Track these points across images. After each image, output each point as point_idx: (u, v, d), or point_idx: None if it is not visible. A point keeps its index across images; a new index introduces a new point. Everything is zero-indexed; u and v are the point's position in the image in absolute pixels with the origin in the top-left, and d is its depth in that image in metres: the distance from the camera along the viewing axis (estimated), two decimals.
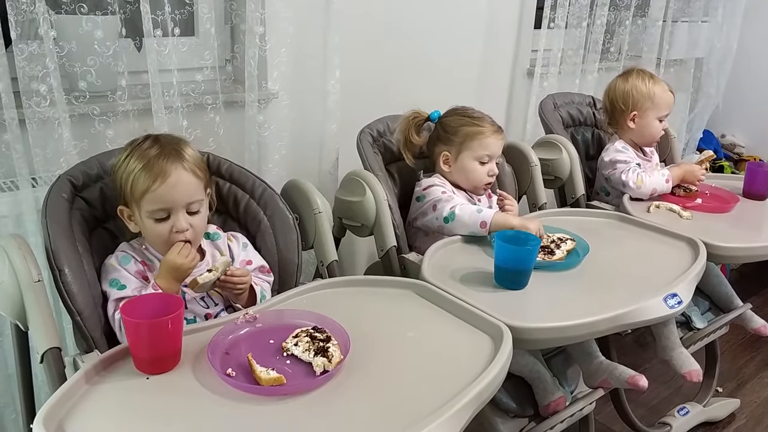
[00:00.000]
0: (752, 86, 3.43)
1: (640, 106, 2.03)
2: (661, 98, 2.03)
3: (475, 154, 1.67)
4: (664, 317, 1.32)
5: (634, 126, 2.05)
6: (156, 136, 1.26)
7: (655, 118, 2.04)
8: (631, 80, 2.05)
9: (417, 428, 0.89)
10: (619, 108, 2.07)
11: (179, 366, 1.05)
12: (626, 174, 1.94)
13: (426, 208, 1.65)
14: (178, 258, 1.20)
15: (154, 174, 1.19)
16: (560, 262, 1.45)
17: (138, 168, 1.20)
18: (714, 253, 1.58)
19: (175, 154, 1.22)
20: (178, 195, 1.21)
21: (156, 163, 1.20)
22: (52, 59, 1.40)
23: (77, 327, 1.16)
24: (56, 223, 1.19)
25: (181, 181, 1.21)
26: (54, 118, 1.45)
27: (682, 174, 2.00)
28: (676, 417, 2.07)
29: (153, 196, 1.20)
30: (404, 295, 1.31)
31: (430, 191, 1.66)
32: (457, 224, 1.58)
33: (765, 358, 2.56)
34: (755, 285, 3.05)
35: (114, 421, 0.94)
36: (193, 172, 1.23)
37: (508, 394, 1.50)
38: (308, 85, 1.85)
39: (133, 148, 1.23)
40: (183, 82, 1.63)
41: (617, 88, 2.08)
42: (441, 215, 1.60)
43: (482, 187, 1.71)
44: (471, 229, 1.56)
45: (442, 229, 1.61)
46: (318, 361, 1.03)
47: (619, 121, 2.08)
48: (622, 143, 2.06)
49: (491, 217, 1.55)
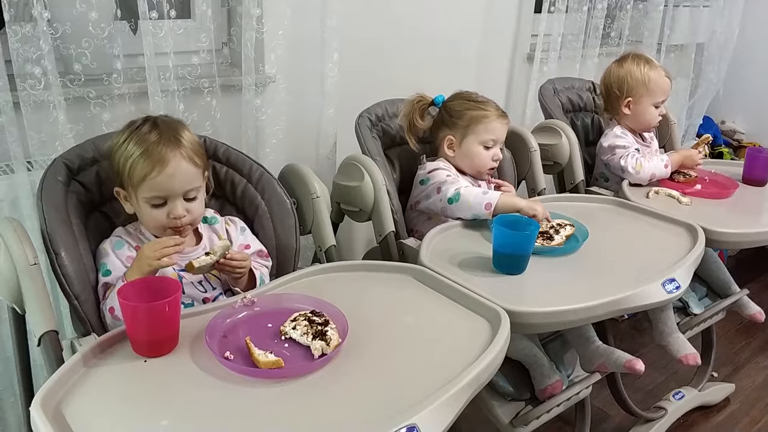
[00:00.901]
0: (753, 72, 3.41)
1: (635, 92, 2.01)
2: (656, 84, 2.00)
3: (480, 139, 1.67)
4: (662, 302, 1.32)
5: (630, 112, 2.04)
6: (155, 119, 1.25)
7: (650, 104, 2.02)
8: (626, 65, 2.03)
9: (414, 411, 0.89)
10: (614, 94, 2.05)
11: (177, 349, 1.05)
12: (625, 159, 1.93)
13: (430, 191, 1.65)
14: (146, 249, 1.17)
15: (153, 162, 1.18)
16: (559, 248, 1.45)
17: (137, 154, 1.19)
18: (713, 239, 1.58)
19: (174, 141, 1.21)
20: (175, 184, 1.21)
21: (155, 150, 1.19)
22: (46, 41, 1.39)
23: (74, 310, 1.16)
24: (52, 207, 1.18)
25: (179, 169, 1.20)
26: (49, 101, 1.43)
27: (681, 160, 2.00)
28: (671, 401, 2.08)
29: (150, 183, 1.19)
30: (402, 280, 1.31)
31: (435, 174, 1.66)
32: (462, 205, 1.57)
33: (760, 344, 2.57)
34: (752, 271, 3.06)
35: (112, 404, 0.94)
36: (191, 159, 1.22)
37: (505, 377, 1.50)
38: (306, 68, 1.84)
39: (132, 131, 1.22)
40: (179, 66, 1.61)
41: (612, 73, 2.06)
42: (445, 196, 1.59)
43: (486, 171, 1.71)
44: (475, 211, 1.55)
45: (445, 210, 1.60)
46: (316, 345, 1.03)
47: (615, 107, 2.07)
48: (620, 128, 2.05)
49: (497, 198, 1.54)
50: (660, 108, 2.04)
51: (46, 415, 0.88)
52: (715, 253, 2.04)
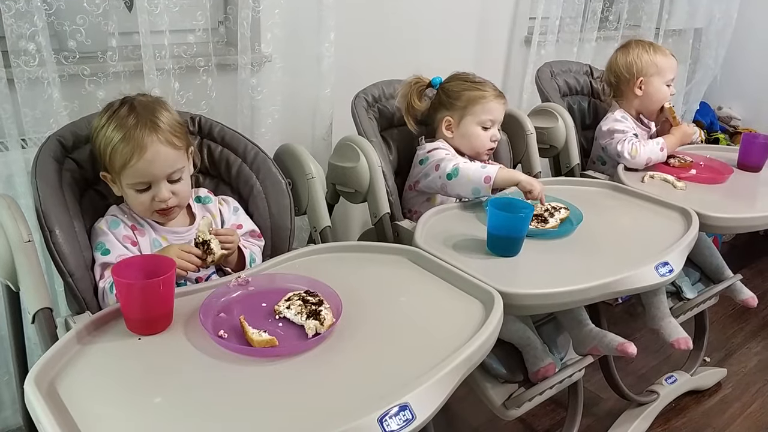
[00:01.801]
0: (751, 58, 3.40)
1: (646, 71, 2.02)
2: (665, 63, 2.03)
3: (478, 119, 1.67)
4: (655, 285, 1.33)
5: (642, 93, 2.04)
6: (132, 101, 1.23)
7: (662, 83, 2.03)
8: (632, 50, 2.05)
9: (406, 390, 0.90)
10: (624, 78, 2.05)
11: (171, 327, 1.05)
12: (622, 144, 1.93)
13: (428, 169, 1.64)
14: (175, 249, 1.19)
15: (131, 148, 1.17)
16: (553, 231, 1.45)
17: (116, 140, 1.18)
18: (707, 224, 1.58)
19: (150, 125, 1.19)
20: (156, 169, 1.20)
21: (133, 135, 1.17)
22: (41, 17, 1.38)
23: (69, 288, 1.15)
24: (46, 184, 1.18)
25: (158, 155, 1.19)
26: (43, 78, 1.42)
27: (678, 140, 2.01)
28: (663, 385, 2.10)
29: (132, 170, 1.18)
30: (397, 261, 1.31)
31: (434, 153, 1.65)
32: (461, 179, 1.56)
33: (753, 329, 2.59)
34: (746, 258, 3.07)
35: (106, 381, 0.94)
36: (170, 143, 1.20)
37: (498, 360, 1.51)
38: (302, 48, 1.83)
39: (111, 115, 1.21)
40: (175, 44, 1.60)
41: (619, 60, 2.07)
42: (444, 172, 1.59)
43: (484, 152, 1.71)
44: (474, 185, 1.55)
45: (445, 187, 1.60)
46: (310, 324, 1.03)
47: (625, 91, 2.07)
48: (621, 112, 2.05)
49: (495, 172, 1.54)
50: (671, 87, 2.05)
51: (40, 391, 0.88)
52: (709, 239, 2.04)
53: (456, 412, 2.02)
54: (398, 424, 0.86)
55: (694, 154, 2.06)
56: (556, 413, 2.00)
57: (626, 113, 2.05)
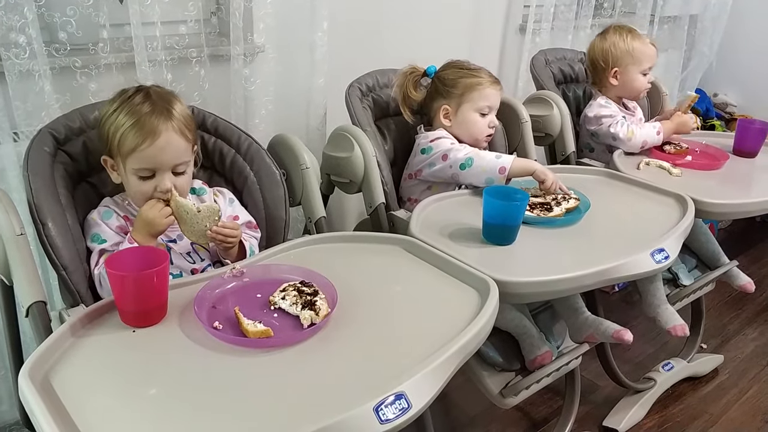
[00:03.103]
0: (746, 44, 3.39)
1: (621, 61, 2.02)
2: (641, 52, 2.01)
3: (476, 106, 1.66)
4: (651, 272, 1.33)
5: (617, 83, 2.05)
6: (147, 89, 1.23)
7: (637, 72, 2.02)
8: (609, 37, 2.04)
9: (402, 379, 0.89)
10: (600, 66, 2.06)
11: (166, 319, 1.05)
12: (615, 127, 1.94)
13: (434, 159, 1.64)
14: (150, 212, 1.18)
15: (144, 133, 1.17)
16: (555, 219, 1.45)
17: (128, 124, 1.17)
18: (703, 210, 1.58)
19: (166, 113, 1.19)
20: (165, 157, 1.20)
21: (147, 121, 1.17)
22: (30, 9, 1.36)
23: (63, 281, 1.15)
24: (38, 177, 1.17)
25: (170, 143, 1.19)
26: (34, 70, 1.41)
27: (675, 127, 2.00)
28: (660, 372, 2.10)
29: (140, 155, 1.18)
30: (393, 251, 1.31)
31: (439, 143, 1.65)
32: (475, 169, 1.57)
33: (749, 315, 2.59)
34: (742, 244, 3.08)
35: (100, 374, 0.94)
36: (182, 133, 1.21)
37: (495, 348, 1.51)
38: (295, 37, 1.82)
39: (124, 101, 1.20)
40: (167, 35, 1.59)
41: (596, 47, 2.07)
42: (456, 162, 1.59)
43: (483, 139, 1.70)
44: (489, 175, 1.55)
45: (457, 177, 1.61)
46: (305, 314, 1.03)
47: (602, 79, 2.08)
48: (604, 99, 2.06)
49: (511, 162, 1.54)
50: (648, 75, 2.05)
51: (34, 384, 0.88)
52: (705, 225, 2.04)
53: (453, 401, 2.03)
54: (394, 413, 0.86)
55: (689, 140, 2.06)
56: (553, 401, 2.00)
57: (608, 99, 2.06)
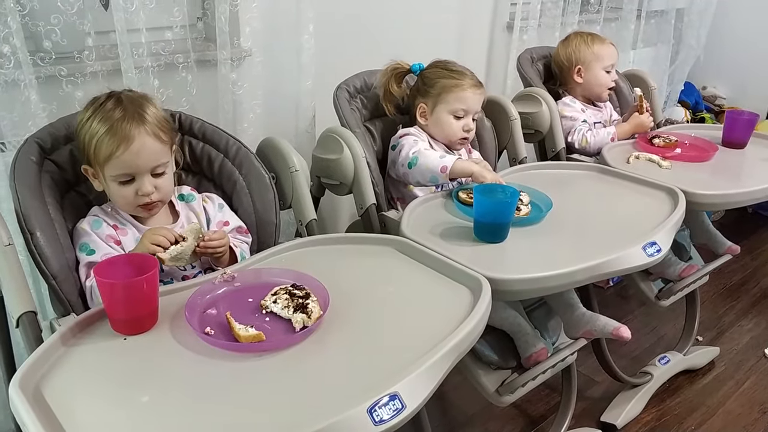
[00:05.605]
0: (733, 37, 3.41)
1: (584, 59, 2.11)
2: (602, 49, 2.11)
3: (450, 108, 1.65)
4: (643, 266, 1.33)
5: (582, 80, 2.12)
6: (119, 95, 1.22)
7: (600, 68, 2.11)
8: (571, 41, 2.14)
9: (396, 380, 0.89)
10: (565, 66, 2.15)
11: (157, 326, 1.04)
12: (572, 135, 2.03)
13: (396, 156, 1.65)
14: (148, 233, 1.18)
15: (117, 140, 1.16)
16: (525, 218, 1.44)
17: (101, 132, 1.17)
18: (693, 201, 1.59)
19: (138, 117, 1.19)
20: (141, 161, 1.19)
21: (119, 127, 1.17)
22: (14, 18, 1.35)
23: (53, 291, 1.14)
24: (26, 187, 1.16)
25: (144, 147, 1.18)
26: (20, 80, 1.40)
27: (631, 129, 2.07)
28: (657, 366, 2.10)
29: (117, 162, 1.17)
30: (384, 252, 1.30)
31: (403, 140, 1.66)
32: (421, 167, 1.57)
33: (744, 307, 2.60)
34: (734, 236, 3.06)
35: (92, 382, 0.93)
36: (156, 136, 1.20)
37: (490, 347, 1.51)
38: (282, 41, 1.81)
39: (96, 108, 1.20)
40: (152, 41, 1.58)
41: (560, 51, 2.17)
42: (405, 160, 1.60)
43: (457, 141, 1.69)
44: (432, 173, 1.56)
45: (406, 176, 1.62)
46: (297, 318, 1.03)
47: (567, 78, 2.16)
48: (569, 98, 2.13)
49: (452, 162, 1.55)
50: (612, 73, 2.13)
51: (25, 395, 0.87)
52: (708, 219, 2.05)
53: (451, 401, 2.02)
54: (389, 414, 0.86)
55: (678, 133, 2.07)
56: (550, 398, 2.00)
57: (574, 98, 2.13)
